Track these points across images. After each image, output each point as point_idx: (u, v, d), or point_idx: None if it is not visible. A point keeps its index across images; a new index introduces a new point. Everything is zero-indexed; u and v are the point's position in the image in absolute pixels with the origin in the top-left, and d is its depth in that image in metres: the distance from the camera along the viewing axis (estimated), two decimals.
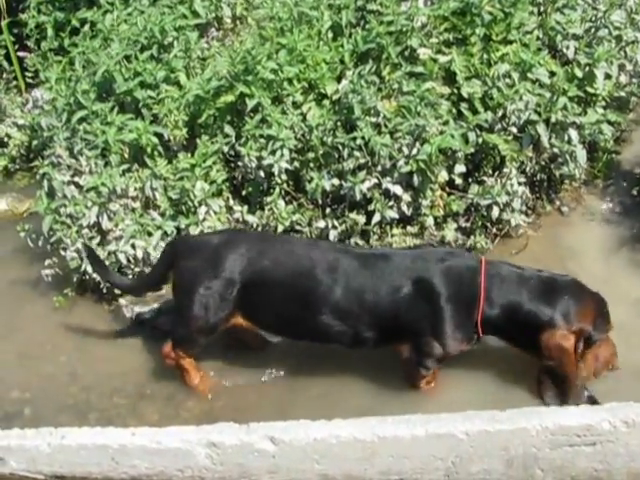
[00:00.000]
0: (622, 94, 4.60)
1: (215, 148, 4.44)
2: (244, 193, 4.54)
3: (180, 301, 3.86)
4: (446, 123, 4.36)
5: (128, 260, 4.22)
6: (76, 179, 4.38)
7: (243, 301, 3.77)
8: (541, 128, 4.36)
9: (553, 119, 4.36)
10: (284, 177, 4.41)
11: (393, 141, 4.27)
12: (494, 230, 4.48)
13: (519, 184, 4.40)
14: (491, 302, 3.69)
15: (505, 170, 4.40)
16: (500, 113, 4.41)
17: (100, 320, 4.34)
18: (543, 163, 4.53)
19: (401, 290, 3.69)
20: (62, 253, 4.32)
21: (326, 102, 4.50)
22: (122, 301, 4.34)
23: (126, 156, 4.47)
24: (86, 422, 3.85)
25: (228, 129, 4.51)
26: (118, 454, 3.42)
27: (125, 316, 4.29)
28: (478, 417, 3.33)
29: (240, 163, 4.49)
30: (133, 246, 4.21)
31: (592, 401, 3.69)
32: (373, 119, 4.31)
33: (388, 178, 4.31)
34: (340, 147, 4.36)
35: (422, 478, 3.34)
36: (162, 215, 4.36)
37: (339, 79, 4.55)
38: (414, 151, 4.26)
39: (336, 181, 4.35)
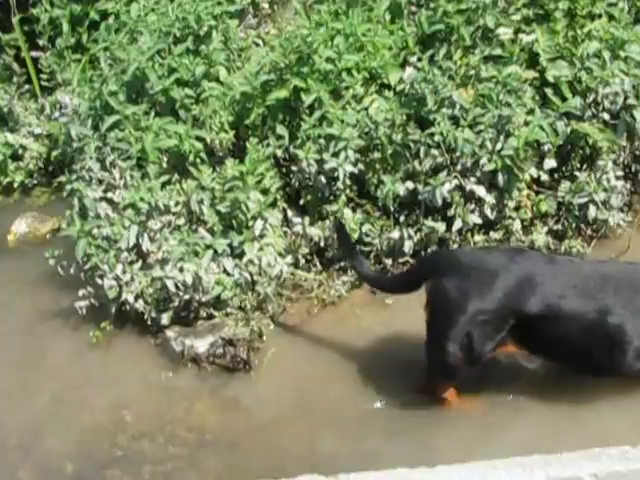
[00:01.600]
0: None
1: (268, 152, 3.92)
2: (302, 202, 4.02)
3: (438, 325, 3.31)
4: (531, 112, 3.85)
5: (176, 287, 3.70)
6: (109, 195, 3.86)
7: (523, 331, 3.25)
8: (639, 113, 3.86)
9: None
10: (348, 182, 3.90)
11: (475, 135, 3.77)
12: (589, 231, 3.98)
13: (617, 178, 3.90)
14: None
15: (600, 163, 3.90)
16: (591, 98, 3.91)
17: (145, 356, 3.81)
18: (638, 153, 4.03)
19: None
20: (98, 281, 3.79)
21: (390, 94, 3.99)
22: (170, 333, 3.79)
23: (165, 166, 3.95)
24: (139, 477, 3.36)
25: (280, 129, 3.99)
26: None
27: (175, 350, 3.74)
28: (605, 455, 2.85)
29: (295, 168, 3.97)
30: (181, 270, 3.69)
31: None
32: (448, 111, 3.80)
33: (470, 179, 3.82)
34: (412, 145, 3.85)
35: None
36: (211, 232, 3.82)
37: (403, 67, 4.05)
38: (498, 146, 3.76)
39: (410, 184, 3.84)
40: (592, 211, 3.86)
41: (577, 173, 3.96)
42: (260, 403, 3.61)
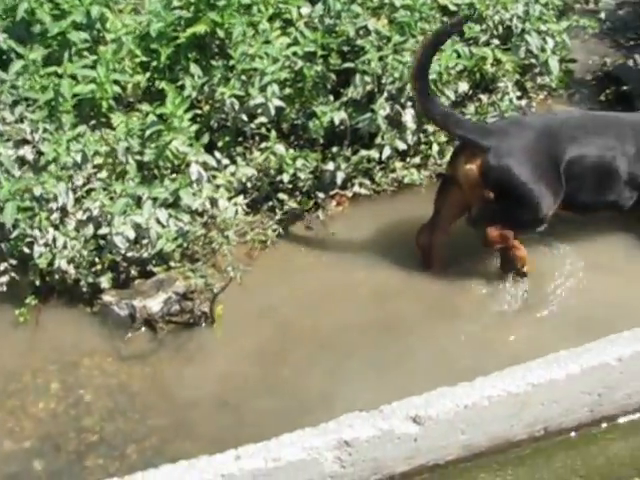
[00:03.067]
0: None
1: (186, 93, 3.71)
2: (220, 144, 3.85)
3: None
4: None
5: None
6: (21, 152, 3.46)
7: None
8: (532, 37, 4.13)
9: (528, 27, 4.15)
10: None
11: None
12: None
13: (518, 98, 4.17)
14: None
15: (500, 85, 4.14)
16: (484, 25, 4.14)
17: (85, 327, 3.48)
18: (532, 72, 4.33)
19: None
20: (26, 250, 3.41)
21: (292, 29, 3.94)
22: (108, 298, 3.47)
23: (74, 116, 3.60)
24: (127, 459, 3.09)
25: (194, 69, 3.79)
26: None
27: (120, 315, 3.45)
28: (622, 340, 3.10)
29: (207, 108, 3.81)
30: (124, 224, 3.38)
31: None
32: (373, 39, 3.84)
33: (395, 105, 3.88)
34: (333, 76, 3.89)
35: (566, 420, 3.08)
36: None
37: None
38: None
39: (343, 114, 3.83)
40: None
41: (481, 96, 4.15)
42: (230, 355, 3.43)
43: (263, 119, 3.87)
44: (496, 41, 4.18)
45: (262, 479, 2.77)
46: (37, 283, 3.50)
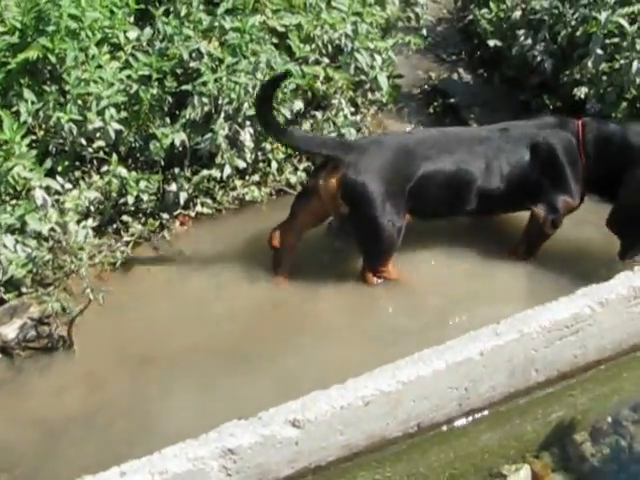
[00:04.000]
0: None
1: (22, 119, 3.65)
2: (59, 169, 3.82)
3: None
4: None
5: None
6: None
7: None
8: (362, 55, 4.36)
9: (357, 45, 4.37)
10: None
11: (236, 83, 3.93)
12: None
13: (351, 114, 4.38)
14: None
15: (334, 102, 4.34)
16: (314, 45, 4.31)
17: None
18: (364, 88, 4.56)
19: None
20: None
21: (121, 53, 3.97)
22: None
23: None
24: None
25: (28, 94, 3.75)
26: None
27: None
28: (483, 336, 3.28)
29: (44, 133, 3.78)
30: None
31: None
32: (209, 61, 3.93)
33: (233, 125, 3.99)
34: (170, 98, 3.96)
35: (437, 415, 3.24)
36: None
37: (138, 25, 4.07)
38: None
39: (183, 135, 3.89)
40: None
41: (316, 113, 4.34)
42: (95, 374, 3.42)
43: (101, 143, 3.89)
44: (326, 60, 4.36)
45: None
46: None
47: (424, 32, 4.96)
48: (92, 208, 3.84)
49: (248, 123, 4.02)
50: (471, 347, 3.23)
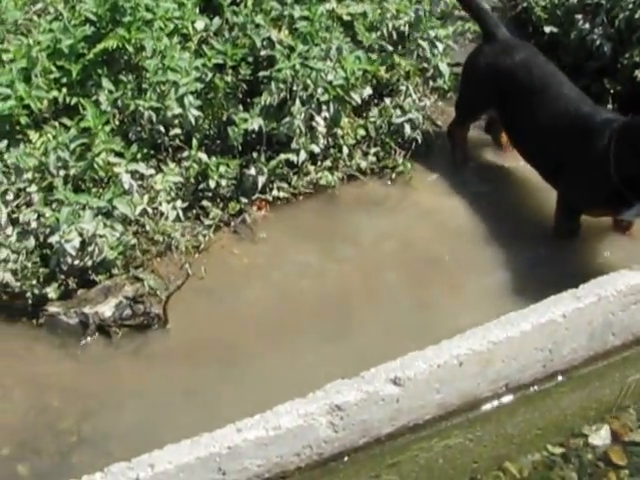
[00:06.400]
0: None
1: (103, 108, 3.86)
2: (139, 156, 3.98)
3: None
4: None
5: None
6: None
7: None
8: (425, 42, 4.57)
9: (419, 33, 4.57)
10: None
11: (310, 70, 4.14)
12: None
13: (419, 99, 4.58)
14: None
15: (402, 88, 4.52)
16: (379, 32, 4.52)
17: (34, 340, 3.53)
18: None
19: None
20: None
21: (190, 44, 4.19)
22: (54, 309, 3.55)
23: None
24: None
25: (106, 83, 3.96)
26: (226, 461, 2.93)
27: (69, 324, 3.53)
28: (563, 299, 3.48)
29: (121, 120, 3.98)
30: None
31: None
32: (283, 49, 4.12)
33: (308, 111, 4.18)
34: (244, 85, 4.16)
35: (524, 376, 3.42)
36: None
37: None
38: (329, 77, 4.18)
39: (260, 121, 4.08)
40: (407, 130, 4.44)
41: (385, 99, 4.51)
42: (187, 355, 3.57)
43: (177, 130, 4.07)
44: (390, 47, 4.54)
45: (264, 447, 2.97)
46: None
47: None
48: (172, 194, 3.99)
49: (325, 107, 4.22)
50: (554, 309, 3.42)
